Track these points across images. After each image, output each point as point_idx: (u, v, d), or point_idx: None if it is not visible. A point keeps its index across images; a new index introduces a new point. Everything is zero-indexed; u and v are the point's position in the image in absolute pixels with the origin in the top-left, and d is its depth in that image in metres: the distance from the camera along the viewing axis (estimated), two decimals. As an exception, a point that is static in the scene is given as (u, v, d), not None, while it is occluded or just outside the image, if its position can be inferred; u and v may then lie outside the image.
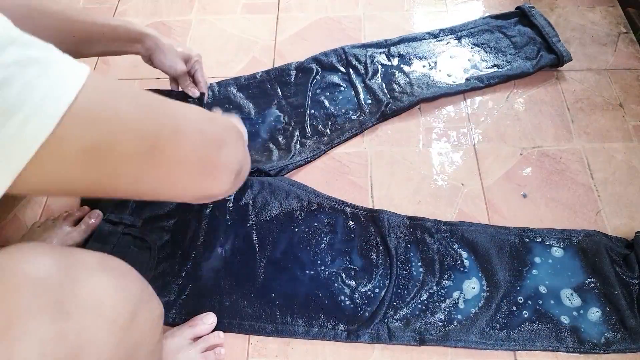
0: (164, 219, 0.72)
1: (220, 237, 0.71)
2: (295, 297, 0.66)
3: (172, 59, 0.72)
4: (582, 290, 0.65)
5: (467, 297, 0.65)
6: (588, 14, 0.97)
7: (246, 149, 0.51)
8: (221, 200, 0.74)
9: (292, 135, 0.81)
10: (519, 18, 0.94)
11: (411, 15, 0.99)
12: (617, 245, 0.68)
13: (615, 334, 0.62)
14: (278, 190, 0.75)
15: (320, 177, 0.78)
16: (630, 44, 0.92)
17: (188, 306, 0.66)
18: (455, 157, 0.80)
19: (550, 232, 0.70)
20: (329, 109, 0.84)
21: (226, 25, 0.99)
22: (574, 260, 0.67)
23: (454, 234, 0.70)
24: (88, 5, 1.04)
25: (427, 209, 0.74)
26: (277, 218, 0.72)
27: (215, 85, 0.87)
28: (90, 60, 0.94)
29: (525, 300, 0.64)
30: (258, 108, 0.85)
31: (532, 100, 0.86)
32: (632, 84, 0.87)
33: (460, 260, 0.68)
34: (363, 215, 0.72)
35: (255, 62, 0.93)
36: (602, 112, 0.83)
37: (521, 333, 0.62)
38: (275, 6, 1.02)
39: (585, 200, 0.74)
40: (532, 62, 0.87)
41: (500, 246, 0.69)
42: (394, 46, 0.92)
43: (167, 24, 1.00)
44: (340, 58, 0.90)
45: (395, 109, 0.83)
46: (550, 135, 0.81)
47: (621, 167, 0.77)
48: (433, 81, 0.86)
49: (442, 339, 0.62)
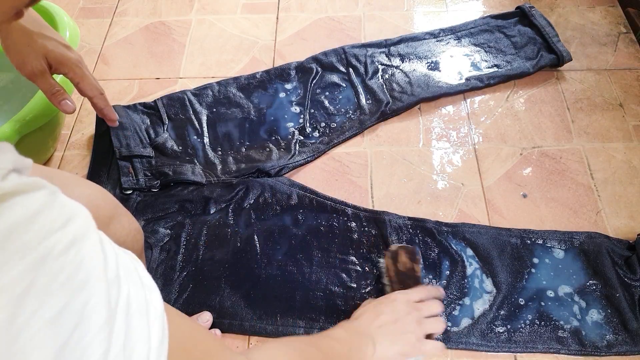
0: (166, 219, 0.72)
1: (221, 238, 0.71)
2: (296, 298, 0.66)
3: (21, 51, 0.53)
4: (583, 292, 0.65)
5: (468, 299, 0.65)
6: (588, 14, 0.97)
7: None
8: (222, 202, 0.73)
9: (292, 135, 0.81)
10: (519, 18, 0.94)
11: (411, 15, 0.99)
12: (618, 247, 0.68)
13: (617, 337, 0.62)
14: (278, 192, 0.74)
15: (320, 177, 0.78)
16: (630, 44, 0.92)
17: (188, 307, 0.65)
18: (455, 157, 0.79)
19: (552, 234, 0.70)
20: (329, 108, 0.84)
21: (226, 25, 0.99)
22: (575, 262, 0.67)
23: (455, 235, 0.70)
24: (88, 5, 1.04)
25: (427, 209, 0.74)
26: (277, 219, 0.72)
27: (215, 85, 0.87)
28: (90, 61, 0.94)
29: (526, 302, 0.64)
30: (258, 108, 0.85)
31: (532, 100, 0.85)
32: (632, 84, 0.87)
33: (462, 262, 0.68)
34: (364, 216, 0.72)
35: (255, 62, 0.93)
36: (602, 112, 0.83)
37: (522, 335, 0.62)
38: (275, 6, 1.02)
39: (586, 200, 0.74)
40: (532, 62, 0.87)
41: (501, 248, 0.69)
42: (394, 46, 0.92)
43: (167, 24, 1.00)
44: (340, 58, 0.90)
45: (395, 108, 0.83)
46: (550, 135, 0.81)
47: (621, 167, 0.77)
48: (433, 81, 0.86)
49: (443, 340, 0.62)
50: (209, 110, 0.84)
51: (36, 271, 0.20)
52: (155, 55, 0.95)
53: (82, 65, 0.58)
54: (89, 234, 0.24)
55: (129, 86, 0.90)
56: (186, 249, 0.70)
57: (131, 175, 0.76)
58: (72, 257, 0.22)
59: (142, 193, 0.75)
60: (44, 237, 0.21)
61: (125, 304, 0.24)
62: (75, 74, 0.58)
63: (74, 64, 0.57)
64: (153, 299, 0.27)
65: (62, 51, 0.56)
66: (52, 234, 0.21)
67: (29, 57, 0.54)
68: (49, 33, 0.55)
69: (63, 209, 0.23)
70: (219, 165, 0.78)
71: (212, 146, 0.80)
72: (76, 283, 0.21)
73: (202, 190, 0.75)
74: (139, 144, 0.79)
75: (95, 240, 0.24)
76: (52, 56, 0.55)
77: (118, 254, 0.26)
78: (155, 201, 0.74)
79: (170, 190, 0.76)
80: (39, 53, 0.55)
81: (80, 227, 0.23)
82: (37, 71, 0.55)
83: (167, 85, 0.90)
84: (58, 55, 0.56)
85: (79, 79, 0.58)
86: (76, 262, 0.22)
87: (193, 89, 0.87)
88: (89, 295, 0.22)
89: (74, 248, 0.22)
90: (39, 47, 0.54)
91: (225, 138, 0.81)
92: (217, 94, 0.86)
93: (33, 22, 0.54)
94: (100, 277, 0.23)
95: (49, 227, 0.21)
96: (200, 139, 0.81)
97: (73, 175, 0.45)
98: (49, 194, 0.23)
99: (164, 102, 0.84)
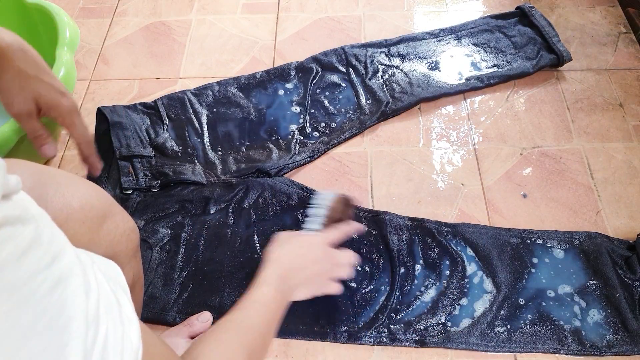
0: (166, 219, 0.72)
1: (221, 238, 0.71)
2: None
3: (11, 90, 0.52)
4: (583, 292, 0.65)
5: (468, 299, 0.65)
6: (588, 14, 0.97)
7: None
8: (222, 202, 0.73)
9: (292, 135, 0.81)
10: (519, 18, 0.94)
11: (411, 15, 0.99)
12: (618, 247, 0.68)
13: (617, 336, 0.62)
14: (278, 192, 0.74)
15: (320, 177, 0.78)
16: (630, 44, 0.92)
17: (188, 307, 0.65)
18: (455, 157, 0.79)
19: (552, 234, 0.70)
20: (329, 108, 0.84)
21: (226, 25, 0.99)
22: (575, 262, 0.67)
23: (456, 235, 0.70)
24: (88, 5, 1.04)
25: (427, 209, 0.74)
26: (277, 219, 0.72)
27: (215, 85, 0.87)
28: (91, 61, 0.94)
29: (526, 302, 0.64)
30: (258, 108, 0.85)
31: (532, 100, 0.86)
32: (632, 84, 0.87)
33: (462, 262, 0.68)
34: (364, 216, 0.72)
35: (255, 62, 0.93)
36: (602, 112, 0.83)
37: (522, 335, 0.62)
38: (275, 6, 1.02)
39: (585, 200, 0.74)
40: (532, 62, 0.87)
41: (501, 248, 0.69)
42: (394, 46, 0.92)
43: (167, 24, 1.00)
44: (340, 58, 0.90)
45: (395, 108, 0.83)
46: (550, 135, 0.81)
47: (621, 167, 0.77)
48: (433, 81, 0.86)
49: (443, 341, 0.62)
50: (209, 110, 0.84)
51: (20, 311, 0.20)
52: (155, 55, 0.95)
53: (73, 112, 0.57)
54: (74, 271, 0.24)
55: (129, 86, 0.90)
56: (186, 249, 0.70)
57: (131, 175, 0.76)
58: (56, 298, 0.22)
59: (142, 193, 0.75)
60: (29, 277, 0.21)
61: (102, 343, 0.24)
62: (64, 121, 0.57)
63: (64, 111, 0.56)
64: (130, 331, 0.27)
65: (55, 97, 0.55)
66: (39, 273, 0.22)
67: (17, 98, 0.53)
68: (47, 78, 0.54)
69: (50, 246, 0.23)
70: (219, 165, 0.78)
71: (212, 146, 0.80)
72: (58, 326, 0.22)
73: (202, 190, 0.75)
74: (139, 144, 0.79)
75: (79, 279, 0.24)
76: (43, 101, 0.54)
77: (100, 290, 0.26)
78: (155, 201, 0.74)
79: (170, 190, 0.75)
80: (30, 96, 0.54)
81: (66, 265, 0.24)
82: (23, 113, 0.54)
83: (167, 85, 0.90)
84: (49, 100, 0.55)
85: (67, 126, 0.57)
86: (59, 303, 0.22)
87: (193, 89, 0.87)
88: (69, 338, 0.22)
89: (59, 288, 0.22)
90: (31, 90, 0.53)
91: (225, 138, 0.81)
92: (217, 94, 0.86)
93: (32, 65, 0.54)
94: (81, 318, 0.23)
95: (36, 267, 0.22)
96: (200, 139, 0.81)
97: (68, 173, 0.45)
98: (35, 228, 0.23)
99: (164, 102, 0.84)
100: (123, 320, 0.27)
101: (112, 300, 0.27)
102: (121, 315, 0.27)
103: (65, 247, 0.25)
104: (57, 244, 0.24)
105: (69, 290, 0.23)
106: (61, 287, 0.23)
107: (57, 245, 0.24)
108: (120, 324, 0.27)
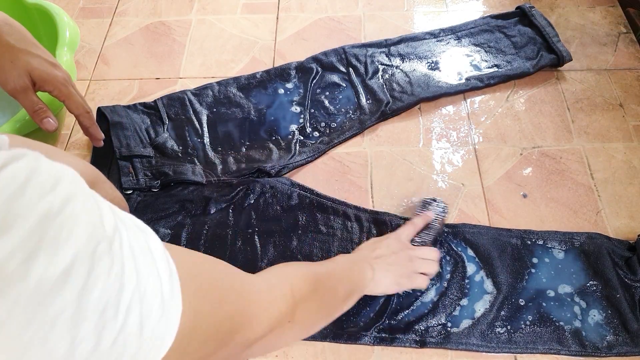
0: (166, 219, 0.72)
1: (221, 238, 0.71)
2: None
3: (4, 67, 0.52)
4: (584, 293, 0.65)
5: (468, 300, 0.65)
6: (588, 14, 0.97)
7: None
8: (223, 202, 0.73)
9: (292, 135, 0.81)
10: (519, 18, 0.94)
11: (411, 15, 0.99)
12: (619, 247, 0.68)
13: (617, 337, 0.61)
14: (279, 192, 0.74)
15: (320, 177, 0.78)
16: (631, 44, 0.92)
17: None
18: (455, 157, 0.79)
19: (552, 235, 0.70)
20: (329, 108, 0.84)
21: (226, 25, 0.99)
22: (575, 262, 0.67)
23: (456, 235, 0.70)
24: (88, 5, 1.04)
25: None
26: (278, 220, 0.72)
27: (215, 85, 0.87)
28: (90, 61, 0.94)
29: (527, 303, 0.64)
30: (258, 108, 0.85)
31: (532, 100, 0.85)
32: (632, 84, 0.87)
33: (462, 262, 0.68)
34: (365, 216, 0.72)
35: (255, 62, 0.93)
36: (602, 112, 0.83)
37: (523, 336, 0.62)
38: (275, 6, 1.02)
39: (586, 200, 0.74)
40: (532, 62, 0.87)
41: (502, 248, 0.69)
42: (394, 46, 0.92)
43: (167, 24, 1.00)
44: (340, 58, 0.90)
45: (395, 108, 0.83)
46: (550, 135, 0.81)
47: (621, 167, 0.77)
48: (433, 81, 0.86)
49: (443, 341, 0.62)
50: (209, 110, 0.84)
51: (41, 228, 0.21)
52: (155, 55, 0.95)
53: (68, 83, 0.57)
54: (80, 191, 0.24)
55: (129, 86, 0.90)
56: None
57: (131, 175, 0.76)
58: (70, 213, 0.22)
59: (143, 193, 0.75)
60: (38, 200, 0.21)
61: (129, 248, 0.25)
62: (61, 92, 0.56)
63: (59, 82, 0.56)
64: (151, 240, 0.28)
65: (47, 69, 0.55)
66: (44, 197, 0.22)
67: (11, 73, 0.53)
68: (35, 50, 0.54)
69: (50, 172, 0.23)
70: (219, 165, 0.78)
71: (212, 146, 0.80)
72: (79, 235, 0.22)
73: (203, 190, 0.75)
74: (139, 143, 0.79)
75: (87, 195, 0.25)
76: (36, 74, 0.54)
77: (111, 205, 0.27)
78: (156, 201, 0.74)
79: (170, 190, 0.75)
80: (23, 70, 0.53)
81: (69, 186, 0.24)
82: (19, 88, 0.54)
83: (167, 85, 0.90)
84: (42, 73, 0.54)
85: (64, 97, 0.57)
86: (74, 217, 0.22)
87: (193, 89, 0.87)
88: (96, 243, 0.23)
89: (69, 206, 0.22)
90: (23, 64, 0.53)
91: (225, 138, 0.81)
92: (217, 94, 0.86)
93: (20, 38, 0.54)
94: (100, 226, 0.24)
95: (40, 191, 0.22)
96: (201, 139, 0.81)
97: (53, 147, 0.45)
98: (33, 159, 0.23)
99: (164, 102, 0.84)
100: (142, 230, 0.28)
101: (124, 214, 0.28)
102: (138, 227, 0.28)
103: (65, 170, 0.25)
104: (56, 170, 0.24)
105: (79, 208, 0.23)
106: (71, 205, 0.23)
107: (57, 170, 0.24)
108: (140, 232, 0.27)
